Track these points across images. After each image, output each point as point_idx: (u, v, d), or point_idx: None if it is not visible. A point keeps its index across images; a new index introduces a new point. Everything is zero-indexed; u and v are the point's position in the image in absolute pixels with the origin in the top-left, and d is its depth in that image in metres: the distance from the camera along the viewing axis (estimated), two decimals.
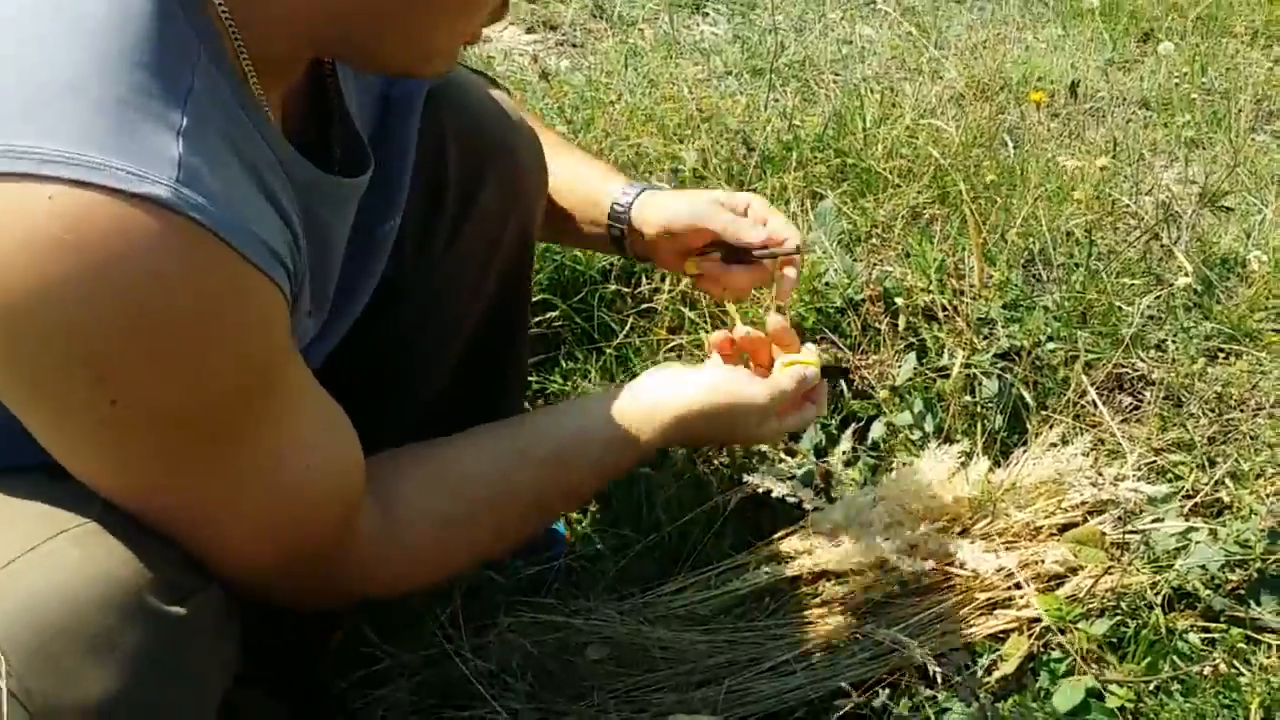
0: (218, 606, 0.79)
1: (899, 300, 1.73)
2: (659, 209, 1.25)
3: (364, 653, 1.23)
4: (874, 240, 1.95)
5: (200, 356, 0.70)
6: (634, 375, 1.70)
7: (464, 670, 1.21)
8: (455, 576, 1.16)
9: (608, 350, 1.75)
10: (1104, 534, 1.34)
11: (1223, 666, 1.24)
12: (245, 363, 0.73)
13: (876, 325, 1.68)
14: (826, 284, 1.76)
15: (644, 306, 1.82)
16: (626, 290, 1.85)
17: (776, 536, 1.45)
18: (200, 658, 0.77)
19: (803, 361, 1.16)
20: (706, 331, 1.70)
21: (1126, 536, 1.36)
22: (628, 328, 1.77)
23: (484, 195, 1.16)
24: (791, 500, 1.48)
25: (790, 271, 1.21)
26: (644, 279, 1.86)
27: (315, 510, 0.84)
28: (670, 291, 1.80)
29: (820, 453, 1.59)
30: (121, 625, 0.70)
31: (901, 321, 1.70)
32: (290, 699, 1.05)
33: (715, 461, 1.61)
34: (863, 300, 1.72)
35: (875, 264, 1.85)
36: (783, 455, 1.59)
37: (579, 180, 1.30)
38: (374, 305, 1.08)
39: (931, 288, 1.75)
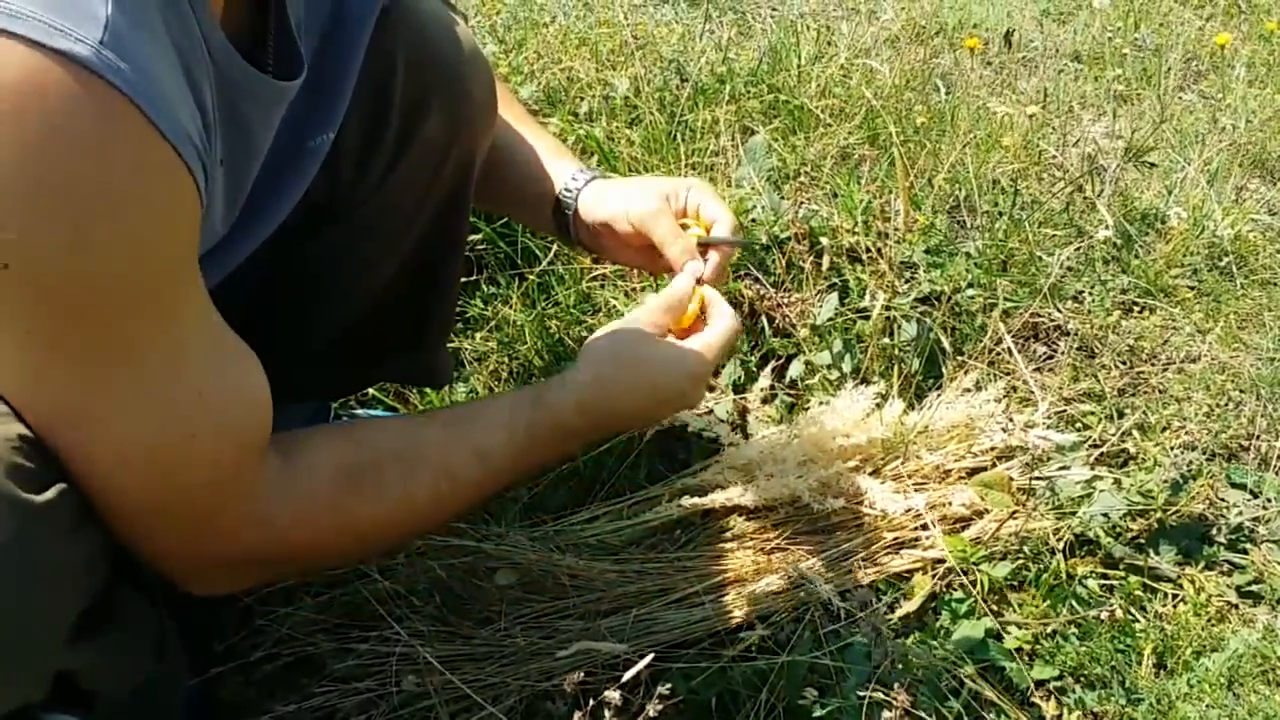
0: (81, 501, 0.75)
1: (824, 240, 1.73)
2: (603, 201, 1.24)
3: None
4: (802, 179, 1.94)
5: (103, 229, 0.66)
6: (556, 303, 1.70)
7: (369, 591, 1.21)
8: (368, 548, 1.08)
9: (530, 276, 1.73)
10: (1011, 479, 1.37)
11: (1119, 612, 1.27)
12: (146, 250, 0.69)
13: (800, 264, 1.68)
14: (753, 220, 1.75)
15: None
16: None
17: (691, 470, 1.45)
18: (59, 551, 0.73)
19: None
20: None
21: (1033, 482, 1.39)
22: (551, 254, 1.75)
23: (428, 123, 1.12)
24: (708, 435, 1.49)
25: (713, 259, 1.19)
26: None
27: (204, 443, 0.79)
28: None
29: (738, 389, 1.59)
30: None
31: (825, 261, 1.70)
32: (188, 613, 1.02)
33: None
34: (788, 238, 1.71)
35: (802, 202, 1.84)
36: None
37: (534, 157, 1.28)
38: (304, 227, 1.05)
39: (857, 229, 1.75)
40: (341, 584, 1.25)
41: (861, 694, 1.05)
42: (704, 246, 1.19)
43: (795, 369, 1.60)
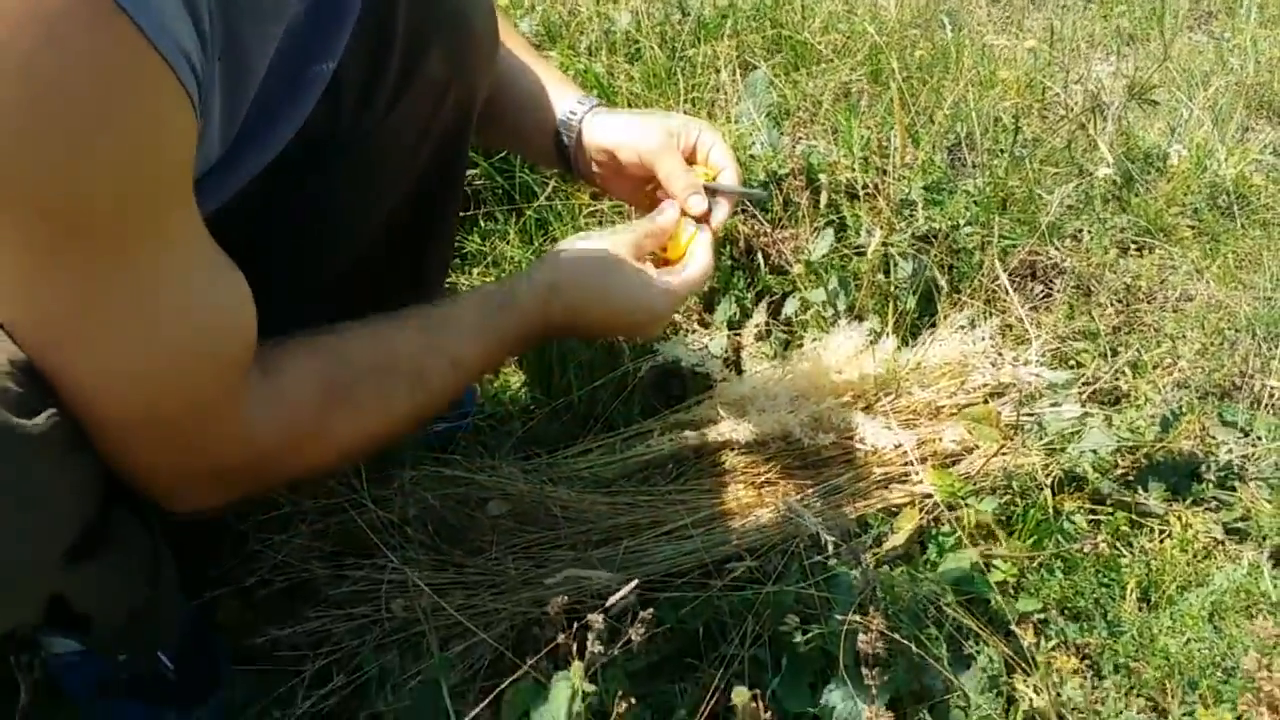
0: (72, 426, 0.76)
1: (821, 177, 1.72)
2: (609, 129, 1.23)
3: (266, 499, 1.22)
4: (803, 114, 1.93)
5: (97, 139, 0.65)
6: (553, 239, 1.70)
7: (363, 520, 1.22)
8: (348, 457, 1.08)
9: (528, 212, 1.73)
10: (999, 414, 1.37)
11: (1104, 547, 1.28)
12: (139, 162, 0.69)
13: (798, 200, 1.67)
14: (751, 156, 1.75)
15: None
16: None
17: (684, 406, 1.46)
18: (51, 476, 0.74)
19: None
20: None
21: (1023, 419, 1.39)
22: (549, 190, 1.74)
23: (430, 58, 1.09)
24: (701, 371, 1.49)
25: (721, 206, 1.20)
26: None
27: (188, 360, 0.80)
28: None
29: (733, 325, 1.60)
30: None
31: (823, 198, 1.70)
32: (183, 538, 1.04)
33: None
34: (786, 174, 1.71)
35: (801, 138, 1.84)
36: (695, 326, 1.60)
37: (535, 85, 1.27)
38: (303, 159, 1.04)
39: (855, 165, 1.74)
40: (336, 512, 1.27)
41: (842, 620, 1.06)
42: (710, 192, 1.19)
43: (790, 306, 1.61)
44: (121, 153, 0.67)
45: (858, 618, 1.02)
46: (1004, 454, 1.34)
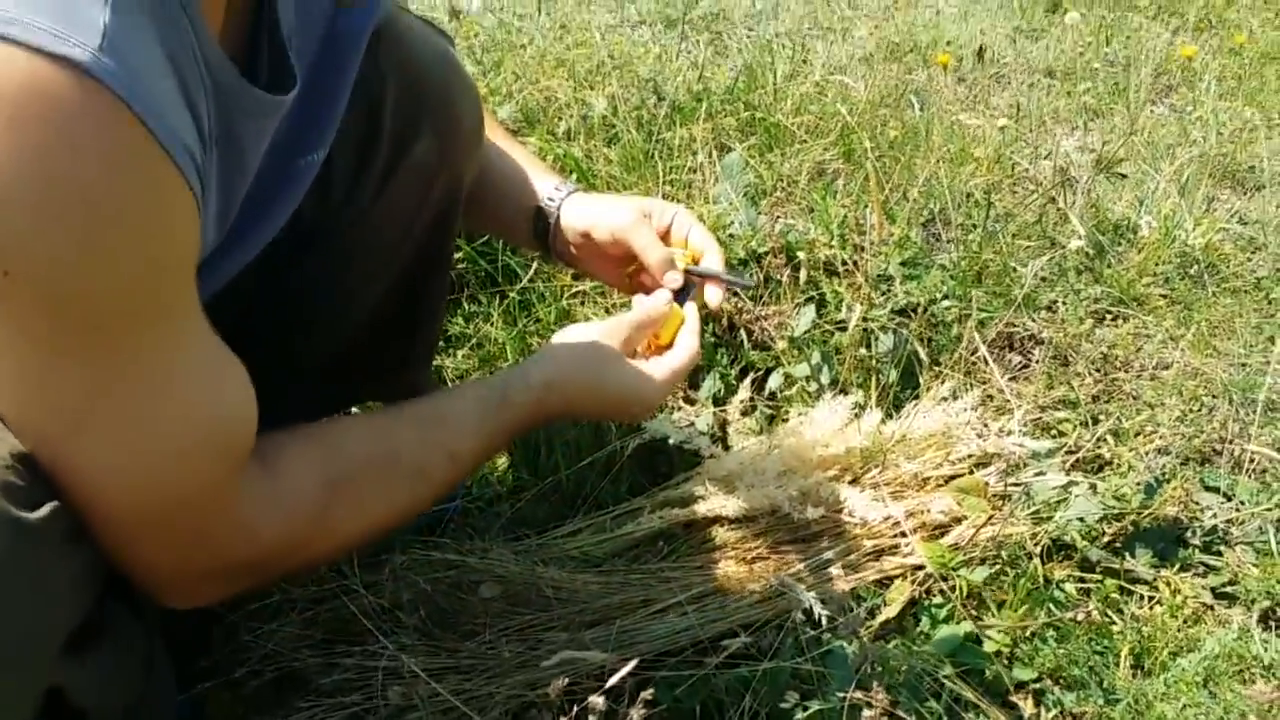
0: (73, 519, 0.75)
1: (800, 254, 1.75)
2: (584, 211, 1.25)
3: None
4: (779, 194, 1.96)
5: (104, 236, 0.65)
6: (537, 320, 1.71)
7: (355, 606, 1.21)
8: (349, 549, 1.09)
9: (511, 294, 1.74)
10: (986, 484, 1.38)
11: (1096, 615, 1.29)
12: (148, 256, 0.69)
13: (778, 277, 1.70)
14: (731, 236, 1.77)
15: None
16: None
17: (672, 483, 1.47)
18: (51, 568, 0.73)
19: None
20: None
21: (1009, 488, 1.40)
22: (532, 272, 1.76)
23: (418, 146, 1.12)
24: (689, 447, 1.50)
25: (713, 296, 1.23)
26: None
27: (192, 457, 0.80)
28: None
29: (718, 401, 1.61)
30: None
31: (802, 275, 1.72)
32: (174, 629, 1.03)
33: None
34: (765, 252, 1.73)
35: (779, 217, 1.87)
36: (681, 403, 1.61)
37: (514, 170, 1.30)
38: (293, 247, 1.05)
39: (833, 243, 1.77)
40: (327, 600, 1.26)
41: (842, 696, 1.06)
42: (699, 277, 1.22)
43: (774, 381, 1.62)
44: (132, 246, 0.67)
45: (859, 693, 1.02)
46: (992, 524, 1.35)
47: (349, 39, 1.00)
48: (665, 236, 1.25)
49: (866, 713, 0.92)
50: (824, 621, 1.25)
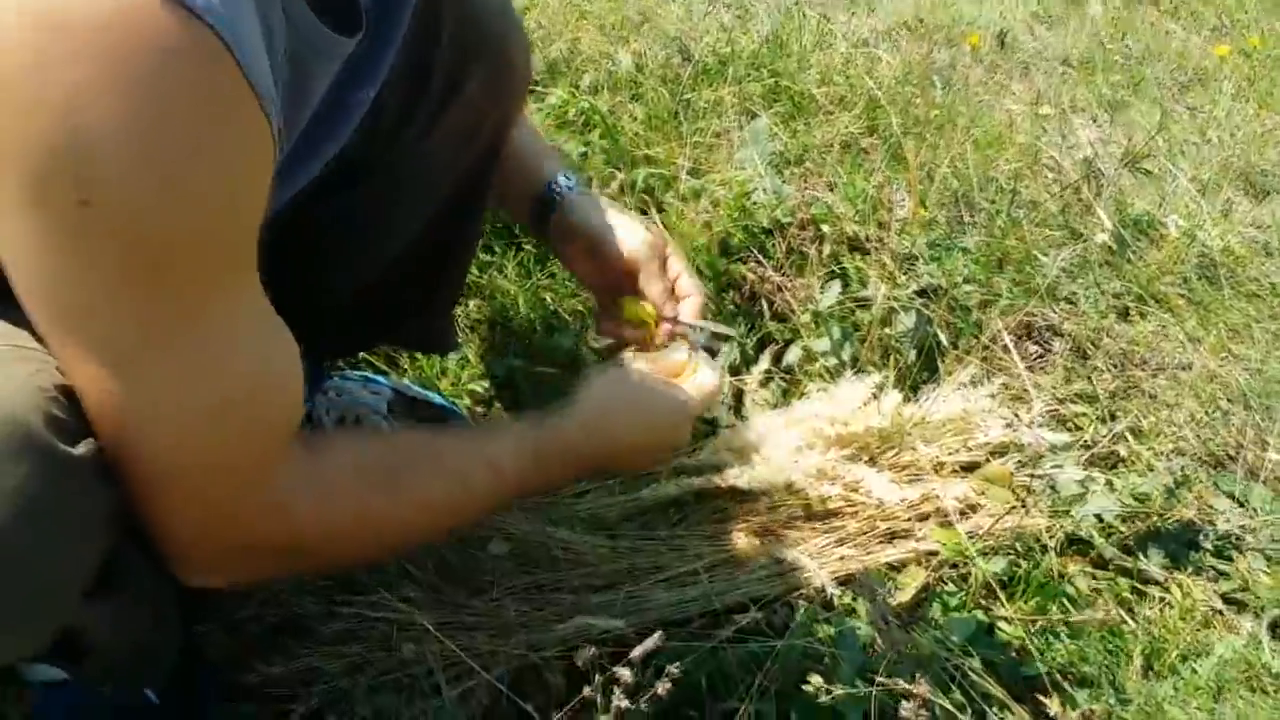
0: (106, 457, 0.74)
1: (825, 227, 1.72)
2: (595, 217, 1.25)
3: None
4: (806, 164, 1.93)
5: (192, 180, 0.65)
6: (551, 274, 1.68)
7: None
8: (383, 547, 1.07)
9: (526, 246, 1.71)
10: (1012, 474, 1.37)
11: (1112, 614, 1.28)
12: (228, 204, 0.68)
13: (803, 250, 1.67)
14: (754, 203, 1.74)
15: (607, 195, 1.78)
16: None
17: (687, 450, 1.44)
18: (87, 504, 0.72)
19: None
20: (669, 226, 1.72)
21: (1032, 480, 1.39)
22: None
23: (469, 88, 1.09)
24: (705, 416, 1.47)
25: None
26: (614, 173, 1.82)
27: (236, 421, 0.78)
28: None
29: (735, 371, 1.58)
30: (13, 459, 0.66)
31: (826, 249, 1.69)
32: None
33: None
34: (790, 223, 1.70)
35: (804, 188, 1.83)
36: None
37: (525, 146, 1.28)
38: (335, 182, 1.02)
39: (859, 218, 1.74)
40: None
41: (863, 684, 1.04)
42: (684, 326, 1.23)
43: (793, 354, 1.59)
44: (216, 193, 0.67)
45: (885, 680, 1.00)
46: (1013, 514, 1.33)
47: None
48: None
49: (906, 704, 0.89)
50: (835, 602, 1.24)
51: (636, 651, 0.91)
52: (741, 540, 1.33)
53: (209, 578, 0.87)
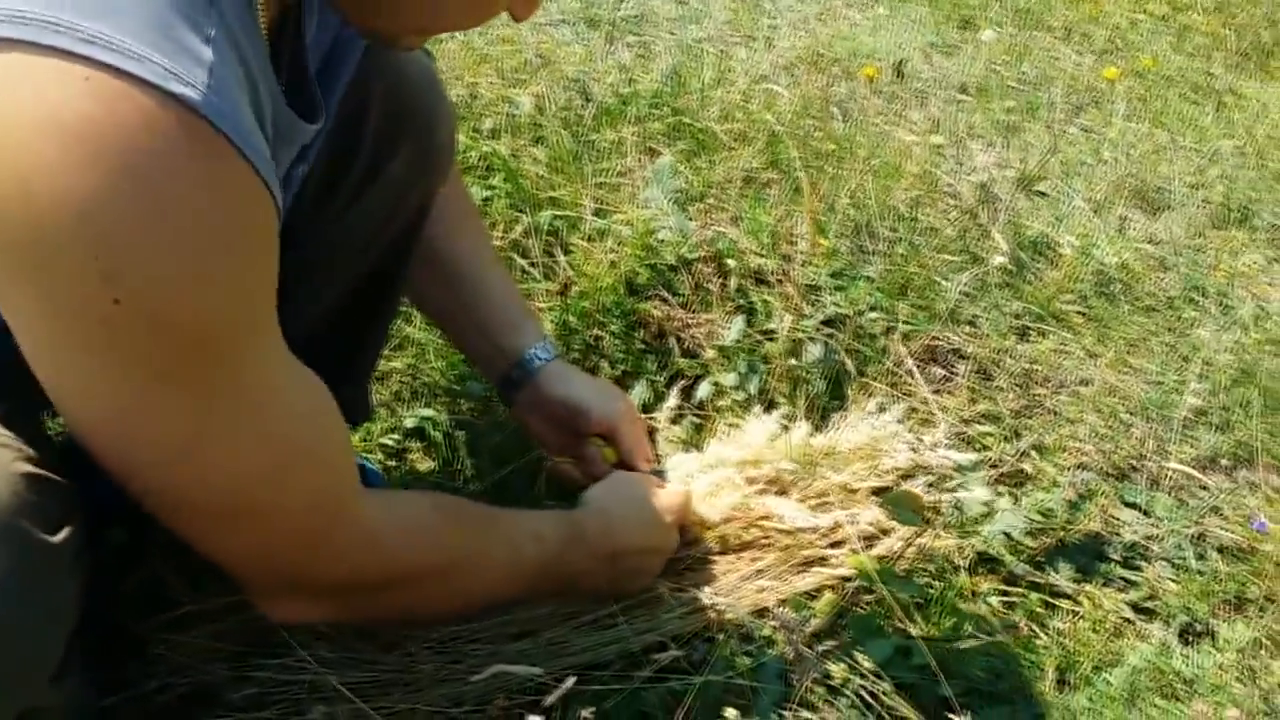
0: (81, 541, 0.76)
1: (730, 262, 1.74)
2: (574, 387, 1.32)
3: (165, 597, 1.17)
4: (709, 200, 1.95)
5: (213, 263, 0.68)
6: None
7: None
8: (443, 602, 1.13)
9: None
10: (922, 496, 1.39)
11: (1023, 629, 1.30)
12: (253, 283, 0.73)
13: (708, 285, 1.68)
14: (660, 241, 1.75)
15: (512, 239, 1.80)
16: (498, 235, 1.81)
17: None
18: (67, 588, 0.74)
19: None
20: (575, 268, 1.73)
21: (940, 500, 1.41)
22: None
23: (395, 163, 1.13)
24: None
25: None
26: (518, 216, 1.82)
27: (304, 469, 0.83)
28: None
29: (647, 409, 1.58)
30: None
31: (732, 283, 1.71)
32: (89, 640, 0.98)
33: None
34: (695, 259, 1.72)
35: (708, 224, 1.85)
36: None
37: (497, 303, 1.32)
38: None
39: (763, 252, 1.77)
40: (240, 609, 1.21)
41: (779, 715, 1.05)
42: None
43: (703, 390, 1.61)
44: (237, 270, 0.71)
45: (794, 710, 1.00)
46: (922, 536, 1.35)
47: (340, 55, 1.01)
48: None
49: None
50: (754, 634, 1.24)
51: (550, 698, 0.91)
52: (659, 579, 1.33)
53: (304, 618, 0.99)
